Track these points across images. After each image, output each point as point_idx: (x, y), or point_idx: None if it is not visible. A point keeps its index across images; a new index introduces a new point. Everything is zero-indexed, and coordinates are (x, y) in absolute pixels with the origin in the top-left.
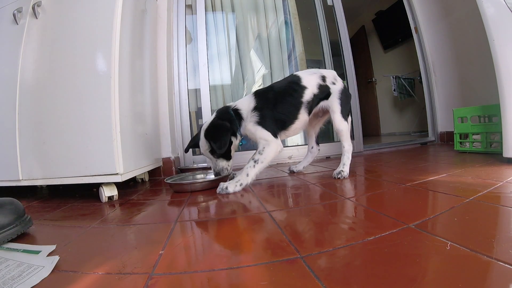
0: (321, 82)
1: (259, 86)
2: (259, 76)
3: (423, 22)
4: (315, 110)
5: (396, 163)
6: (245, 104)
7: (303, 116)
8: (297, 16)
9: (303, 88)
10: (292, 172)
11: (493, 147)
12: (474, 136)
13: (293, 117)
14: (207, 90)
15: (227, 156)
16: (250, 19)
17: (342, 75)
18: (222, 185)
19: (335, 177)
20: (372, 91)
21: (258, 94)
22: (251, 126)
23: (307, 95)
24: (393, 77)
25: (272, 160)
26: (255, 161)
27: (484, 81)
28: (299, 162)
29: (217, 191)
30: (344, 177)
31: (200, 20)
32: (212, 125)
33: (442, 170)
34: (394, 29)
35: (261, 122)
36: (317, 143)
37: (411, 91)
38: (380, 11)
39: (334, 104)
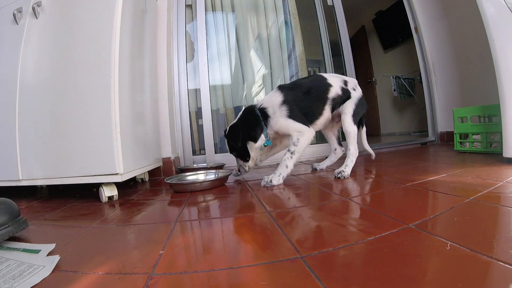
0: (344, 86)
1: (259, 86)
2: (259, 76)
3: (423, 22)
4: (337, 111)
5: (396, 163)
6: (271, 100)
7: (327, 112)
8: (297, 16)
9: (329, 85)
10: (314, 170)
11: (493, 147)
12: (474, 136)
13: (319, 112)
14: (207, 90)
15: (244, 157)
16: (250, 19)
17: (342, 75)
18: (267, 178)
19: (335, 177)
20: (372, 91)
21: (284, 88)
22: (283, 121)
23: (332, 93)
24: (393, 77)
25: (305, 148)
26: (291, 153)
27: (484, 81)
28: (322, 161)
29: (262, 184)
30: (344, 177)
31: (200, 20)
32: (230, 128)
33: (442, 170)
34: (394, 29)
35: (292, 115)
36: (340, 145)
37: (411, 91)
38: (380, 11)
39: (348, 106)
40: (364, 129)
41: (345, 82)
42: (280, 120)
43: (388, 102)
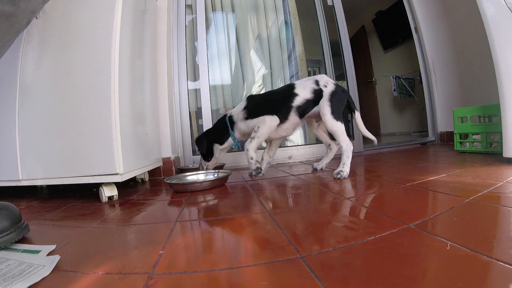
0: (315, 87)
1: (259, 86)
2: (259, 76)
3: (423, 22)
4: (311, 113)
5: (396, 163)
6: (236, 109)
7: (294, 118)
8: (297, 16)
9: (295, 94)
10: (315, 170)
11: (493, 147)
12: (474, 136)
13: (283, 116)
14: (207, 90)
15: (207, 157)
16: (250, 19)
17: (342, 75)
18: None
19: (335, 177)
20: (372, 91)
21: (249, 98)
22: (241, 124)
23: (298, 101)
24: (393, 77)
25: (267, 132)
26: (251, 138)
27: (484, 81)
28: (320, 160)
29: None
30: (343, 177)
31: (200, 20)
32: (200, 135)
33: (442, 170)
34: (394, 29)
35: (249, 116)
36: (333, 139)
37: (411, 91)
38: (380, 11)
39: (324, 106)
40: (358, 113)
41: (317, 82)
42: (240, 124)
43: (388, 102)
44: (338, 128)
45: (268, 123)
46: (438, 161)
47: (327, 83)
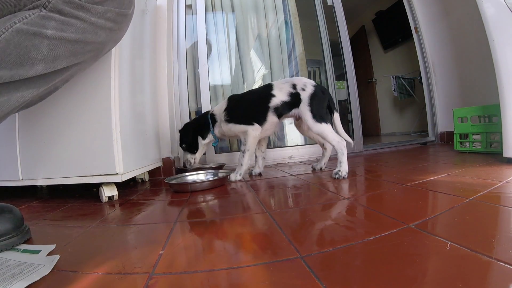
0: (292, 90)
1: (259, 86)
2: (259, 76)
3: (423, 22)
4: (289, 114)
5: (396, 163)
6: (218, 108)
7: (272, 118)
8: (297, 16)
9: (271, 95)
10: (314, 170)
11: (493, 147)
12: (474, 136)
13: (262, 118)
14: (207, 90)
15: (192, 149)
16: (250, 19)
17: (342, 75)
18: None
19: (334, 177)
20: (372, 91)
21: (230, 99)
22: (223, 125)
23: (274, 102)
24: (393, 77)
25: (255, 144)
26: (243, 152)
27: (484, 81)
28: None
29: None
30: (342, 177)
31: (200, 20)
32: (184, 124)
33: (442, 170)
34: (394, 29)
35: (231, 119)
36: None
37: (411, 91)
38: (380, 11)
39: (303, 111)
40: (337, 115)
41: (294, 86)
42: (221, 124)
43: (388, 102)
44: (324, 129)
45: (252, 134)
46: (438, 161)
47: (305, 85)
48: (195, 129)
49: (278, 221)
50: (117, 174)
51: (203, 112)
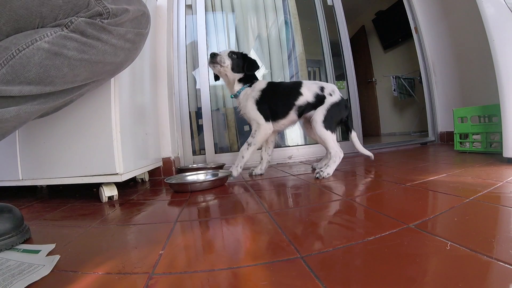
0: (319, 92)
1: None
2: (259, 76)
3: (423, 22)
4: (308, 115)
5: (396, 163)
6: (260, 84)
7: (292, 116)
8: (297, 16)
9: (299, 93)
10: (314, 170)
11: (493, 147)
12: (474, 136)
13: (283, 114)
14: (207, 90)
15: (233, 64)
16: (250, 19)
17: (342, 75)
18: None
19: (315, 177)
20: (372, 91)
21: (268, 84)
22: (250, 104)
23: (301, 100)
24: (393, 77)
25: (262, 141)
26: (248, 144)
27: (484, 81)
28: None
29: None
30: (323, 177)
31: (200, 20)
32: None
33: (442, 170)
34: (394, 29)
35: (258, 104)
36: None
37: (411, 91)
38: (380, 11)
39: (318, 113)
40: (354, 133)
41: (322, 88)
42: (247, 103)
43: (388, 102)
44: (327, 136)
45: (264, 128)
46: (438, 161)
47: (334, 92)
48: (245, 66)
49: (278, 221)
50: (117, 174)
51: None
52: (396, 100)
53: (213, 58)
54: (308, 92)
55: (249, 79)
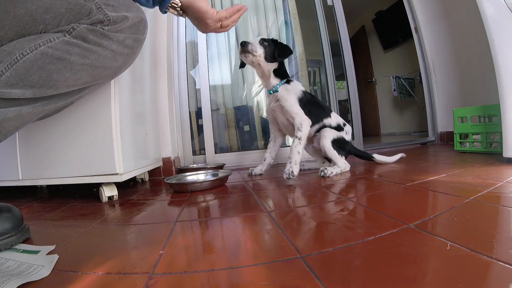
0: (341, 125)
1: (259, 86)
2: None
3: (423, 22)
4: (318, 135)
5: (396, 163)
6: (298, 85)
7: (314, 128)
8: (297, 16)
9: (329, 115)
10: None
11: (493, 147)
12: (474, 136)
13: (314, 122)
14: (207, 90)
15: (266, 53)
16: (250, 19)
17: (342, 75)
18: (287, 171)
19: (320, 175)
20: (372, 91)
21: (304, 91)
22: (292, 98)
23: (327, 120)
24: (393, 77)
25: (307, 134)
26: (299, 139)
27: (484, 81)
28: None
29: (285, 177)
30: (328, 175)
31: None
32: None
33: (442, 170)
34: (394, 29)
35: (301, 101)
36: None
37: (411, 91)
38: (380, 11)
39: (328, 131)
40: (376, 156)
41: (344, 124)
42: (291, 95)
43: (388, 102)
44: (334, 154)
45: (308, 124)
46: (438, 161)
47: (348, 133)
48: (276, 52)
49: (278, 221)
50: (117, 174)
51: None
52: (396, 100)
53: (244, 47)
54: (334, 118)
55: (284, 74)
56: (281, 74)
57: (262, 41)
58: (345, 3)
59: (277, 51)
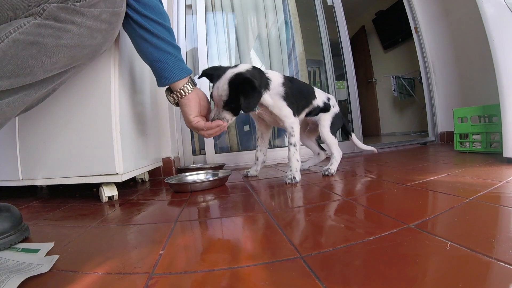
0: (326, 101)
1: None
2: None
3: (423, 22)
4: (311, 120)
5: (396, 163)
6: (275, 77)
7: (302, 115)
8: (297, 16)
9: (314, 96)
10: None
11: (493, 147)
12: (474, 136)
13: (300, 111)
14: (207, 90)
15: (236, 112)
16: (250, 19)
17: (342, 75)
18: (290, 175)
19: (323, 174)
20: (372, 91)
21: (285, 77)
22: (277, 99)
23: (315, 102)
24: (393, 77)
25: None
26: (294, 146)
27: (484, 81)
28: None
29: (287, 182)
30: (332, 174)
31: (200, 20)
32: (248, 79)
33: (442, 170)
34: (394, 29)
35: (286, 99)
36: (322, 149)
37: (411, 91)
38: (380, 11)
39: (326, 119)
40: (353, 135)
41: (328, 98)
42: (275, 98)
43: (388, 102)
44: (332, 140)
45: (298, 126)
46: (438, 161)
47: (335, 105)
48: (261, 94)
49: (278, 221)
50: (117, 174)
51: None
52: (396, 100)
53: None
54: (319, 97)
55: (263, 82)
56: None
57: (225, 102)
58: (345, 3)
59: (243, 103)
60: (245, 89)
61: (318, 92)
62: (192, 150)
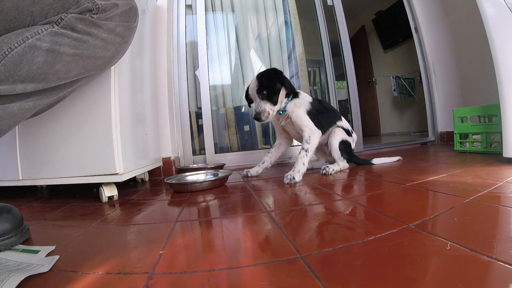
0: (349, 129)
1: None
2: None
3: (423, 22)
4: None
5: (396, 163)
6: (305, 95)
7: (326, 134)
8: (297, 16)
9: (340, 119)
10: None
11: (493, 147)
12: (474, 136)
13: (325, 129)
14: (207, 90)
15: (273, 101)
16: (250, 19)
17: (342, 75)
18: (289, 176)
19: (321, 173)
20: (372, 91)
21: (315, 98)
22: (300, 112)
23: (338, 124)
24: (393, 77)
25: (316, 146)
26: (306, 151)
27: (484, 81)
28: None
29: (285, 182)
30: (330, 173)
31: (200, 20)
32: (278, 70)
33: (442, 170)
34: (394, 29)
35: (309, 113)
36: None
37: (411, 91)
38: (380, 11)
39: (336, 135)
40: (374, 160)
41: (351, 131)
42: (300, 109)
43: (388, 102)
44: (339, 154)
45: (317, 135)
46: (438, 161)
47: (354, 139)
48: (283, 82)
49: (278, 221)
50: (117, 174)
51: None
52: (396, 100)
53: (260, 119)
54: (345, 123)
55: (290, 90)
56: (289, 91)
57: (259, 92)
58: (345, 3)
59: (286, 86)
60: (275, 73)
61: (344, 119)
62: (192, 150)
